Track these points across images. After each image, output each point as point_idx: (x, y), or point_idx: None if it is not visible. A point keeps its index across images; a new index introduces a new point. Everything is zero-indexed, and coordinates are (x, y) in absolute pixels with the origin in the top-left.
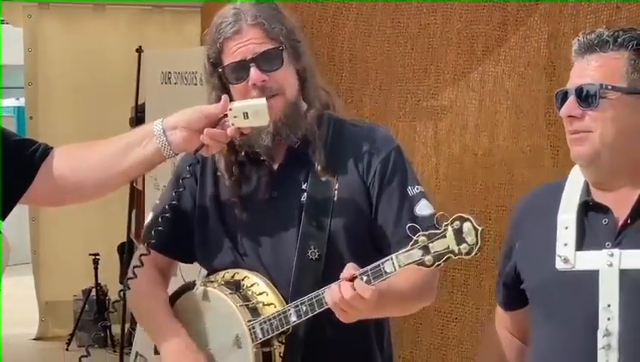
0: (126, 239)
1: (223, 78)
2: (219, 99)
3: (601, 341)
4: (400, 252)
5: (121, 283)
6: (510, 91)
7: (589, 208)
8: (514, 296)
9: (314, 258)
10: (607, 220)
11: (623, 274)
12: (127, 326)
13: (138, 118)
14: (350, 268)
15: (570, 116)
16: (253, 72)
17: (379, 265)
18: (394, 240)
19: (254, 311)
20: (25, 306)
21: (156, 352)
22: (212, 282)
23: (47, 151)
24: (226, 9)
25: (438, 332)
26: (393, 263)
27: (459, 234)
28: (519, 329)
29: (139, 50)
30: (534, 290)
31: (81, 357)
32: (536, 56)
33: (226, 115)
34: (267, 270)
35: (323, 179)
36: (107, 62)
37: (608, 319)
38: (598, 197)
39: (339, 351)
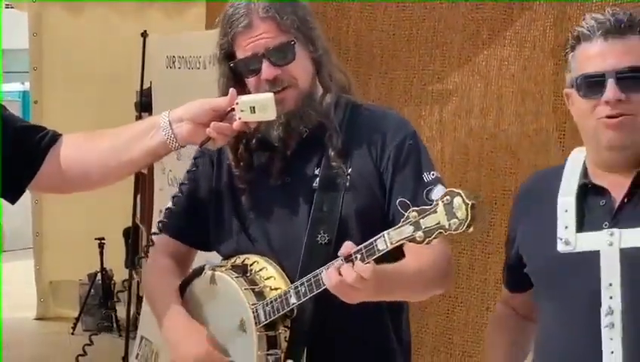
0: (131, 223)
1: (234, 71)
2: (226, 87)
3: (604, 319)
4: (392, 229)
5: (126, 267)
6: (516, 75)
7: (587, 191)
8: (519, 279)
9: (323, 242)
10: (604, 201)
11: (623, 252)
12: (132, 310)
13: (143, 102)
14: (348, 247)
15: (616, 100)
16: (265, 66)
17: (372, 243)
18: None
19: (260, 295)
20: (27, 290)
21: None
22: (220, 267)
23: (55, 138)
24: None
25: (443, 316)
26: (385, 240)
27: (449, 209)
28: (525, 309)
29: (144, 35)
30: (537, 273)
31: (85, 345)
32: (542, 40)
33: (233, 109)
34: (277, 255)
35: (335, 164)
36: (112, 47)
37: (610, 297)
38: (596, 179)
39: (350, 336)
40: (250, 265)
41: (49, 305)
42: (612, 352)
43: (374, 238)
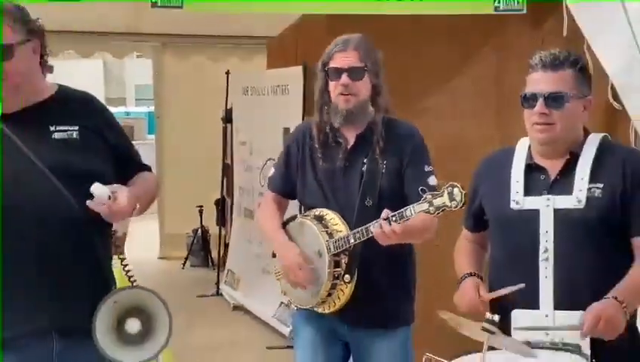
0: (220, 196)
1: (326, 75)
2: (319, 88)
3: (541, 255)
4: (415, 204)
5: (217, 225)
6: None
7: (531, 168)
8: (479, 223)
9: (369, 205)
10: (543, 176)
11: (556, 211)
12: (221, 252)
13: (227, 117)
14: (385, 212)
15: (541, 113)
16: (344, 77)
17: (402, 211)
18: (414, 197)
19: (330, 235)
20: (153, 239)
21: (273, 256)
22: (306, 216)
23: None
24: (343, 36)
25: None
26: (411, 211)
27: (451, 195)
28: (480, 242)
29: (227, 73)
30: (495, 222)
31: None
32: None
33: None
34: (341, 211)
35: (377, 158)
36: (207, 80)
37: (546, 241)
38: (538, 161)
39: (383, 257)
40: (325, 216)
41: (167, 249)
42: (546, 277)
43: (404, 209)
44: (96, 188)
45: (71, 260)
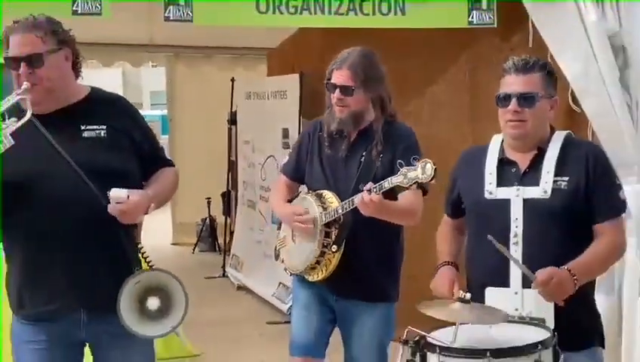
0: (226, 189)
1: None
2: (327, 95)
3: (512, 239)
4: (392, 176)
5: (223, 215)
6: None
7: (503, 162)
8: (458, 210)
9: (362, 189)
10: (514, 169)
11: (525, 200)
12: (227, 239)
13: (232, 119)
14: (368, 185)
15: (514, 111)
16: (337, 92)
17: (382, 183)
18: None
19: (325, 209)
20: (166, 227)
21: (279, 227)
22: (308, 193)
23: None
24: (345, 50)
25: None
26: (389, 182)
27: (423, 169)
28: (458, 228)
29: (232, 80)
30: (471, 209)
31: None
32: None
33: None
34: (338, 192)
35: (373, 153)
36: (214, 87)
37: (516, 226)
38: (509, 155)
39: (370, 234)
40: (324, 195)
41: (179, 236)
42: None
43: (382, 181)
44: (114, 191)
45: (96, 248)
